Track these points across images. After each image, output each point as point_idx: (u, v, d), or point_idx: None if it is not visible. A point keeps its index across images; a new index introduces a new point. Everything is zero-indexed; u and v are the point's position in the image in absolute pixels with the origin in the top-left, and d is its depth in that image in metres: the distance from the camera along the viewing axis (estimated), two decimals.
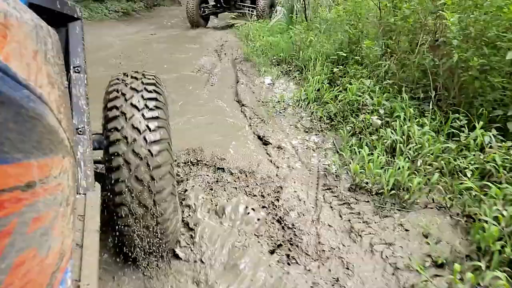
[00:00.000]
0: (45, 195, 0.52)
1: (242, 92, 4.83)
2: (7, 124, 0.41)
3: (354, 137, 3.05)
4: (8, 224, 0.42)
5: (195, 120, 4.10)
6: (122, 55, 7.41)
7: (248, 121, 3.95)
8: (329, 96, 4.03)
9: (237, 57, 6.62)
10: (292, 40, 5.92)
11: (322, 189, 2.56)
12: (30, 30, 0.52)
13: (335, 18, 5.11)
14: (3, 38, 0.42)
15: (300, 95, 4.23)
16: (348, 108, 3.54)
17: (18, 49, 0.46)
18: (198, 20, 10.00)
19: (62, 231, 0.62)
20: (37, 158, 0.49)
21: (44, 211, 0.52)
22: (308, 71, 4.92)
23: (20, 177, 0.45)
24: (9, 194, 0.42)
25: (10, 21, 0.45)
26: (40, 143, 0.50)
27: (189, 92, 5.13)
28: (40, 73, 0.53)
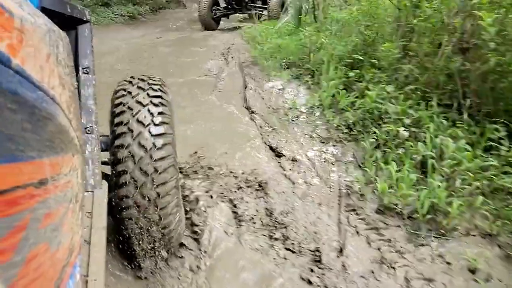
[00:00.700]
0: (56, 192, 0.54)
1: (251, 98, 4.57)
2: (22, 123, 0.42)
3: (377, 150, 2.76)
4: (22, 219, 0.43)
5: (203, 128, 3.85)
6: (128, 59, 7.22)
7: (258, 130, 3.69)
8: (345, 103, 3.75)
9: (245, 61, 6.37)
10: (302, 42, 5.65)
11: (345, 210, 2.28)
12: (43, 34, 0.54)
13: (349, 19, 4.83)
14: (19, 42, 0.44)
15: (314, 101, 3.95)
16: (368, 116, 3.25)
17: (33, 53, 0.48)
18: (210, 23, 9.97)
19: (71, 227, 0.64)
20: (49, 156, 0.50)
21: (55, 207, 0.54)
22: (320, 75, 4.64)
23: (33, 175, 0.46)
24: (23, 191, 0.43)
25: (26, 26, 0.46)
26: (52, 142, 0.52)
27: (196, 98, 4.89)
28: (52, 75, 0.54)
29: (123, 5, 13.78)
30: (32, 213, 0.46)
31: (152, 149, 1.57)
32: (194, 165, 2.98)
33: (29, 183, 0.45)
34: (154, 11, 15.25)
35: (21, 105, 0.41)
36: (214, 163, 3.00)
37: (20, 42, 0.44)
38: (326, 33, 5.85)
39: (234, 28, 10.49)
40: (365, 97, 3.75)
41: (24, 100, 0.42)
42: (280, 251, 2.02)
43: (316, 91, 4.37)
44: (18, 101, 0.41)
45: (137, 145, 1.57)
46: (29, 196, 0.45)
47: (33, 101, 0.44)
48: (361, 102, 3.56)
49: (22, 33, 0.45)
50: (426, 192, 2.09)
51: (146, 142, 1.57)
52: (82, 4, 9.39)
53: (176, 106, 2.10)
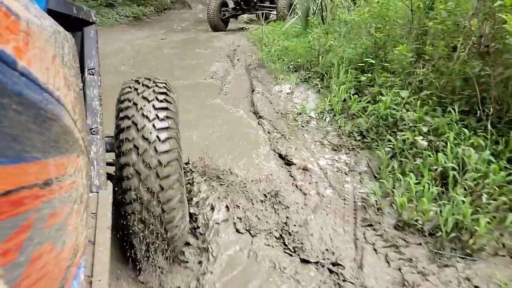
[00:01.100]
0: (61, 193, 0.54)
1: (258, 102, 4.46)
2: (28, 124, 0.42)
3: (394, 159, 2.63)
4: (27, 219, 0.44)
5: (208, 134, 3.74)
6: (133, 61, 7.13)
7: (267, 136, 3.57)
8: (357, 108, 3.62)
9: (251, 63, 6.25)
10: (311, 44, 5.52)
11: (361, 225, 2.16)
12: (49, 36, 0.55)
13: (359, 21, 4.70)
14: (25, 45, 0.44)
15: (324, 106, 3.83)
16: (382, 123, 3.12)
17: (39, 55, 0.48)
18: (218, 24, 9.97)
19: (76, 227, 0.64)
20: (54, 157, 0.51)
21: (59, 207, 0.54)
22: (330, 78, 4.52)
23: (38, 175, 0.46)
24: (29, 191, 0.44)
25: (32, 29, 0.47)
26: (57, 143, 0.52)
27: (202, 101, 4.78)
28: (57, 76, 0.55)
29: (127, 6, 13.73)
30: (37, 213, 0.46)
31: (156, 142, 1.55)
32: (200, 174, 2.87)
33: (34, 183, 0.45)
34: (159, 11, 15.19)
35: (26, 106, 0.42)
36: (221, 171, 2.89)
37: (27, 45, 0.44)
38: (334, 35, 5.72)
39: (240, 30, 10.39)
40: (377, 102, 3.62)
41: (30, 102, 0.43)
42: (292, 268, 1.90)
43: (326, 95, 4.24)
44: (23, 103, 0.41)
45: (141, 138, 1.55)
46: (34, 197, 0.45)
47: (38, 102, 0.45)
48: (374, 108, 3.43)
49: (28, 36, 0.45)
50: (449, 207, 1.95)
51: (150, 136, 1.55)
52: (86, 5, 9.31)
53: (181, 109, 2.03)
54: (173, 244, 1.70)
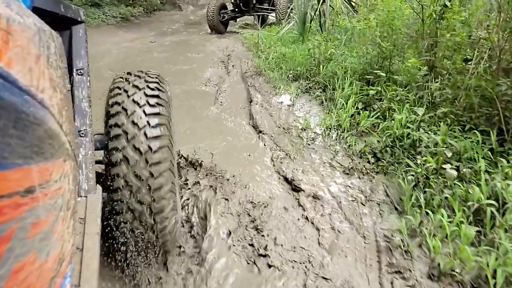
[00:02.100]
0: (45, 200, 0.51)
1: (257, 114, 4.15)
2: (7, 129, 0.41)
3: (416, 188, 2.35)
4: (6, 230, 0.42)
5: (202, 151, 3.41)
6: (120, 65, 6.72)
7: (269, 155, 3.26)
8: (366, 124, 3.35)
9: (247, 70, 5.94)
10: (311, 52, 5.24)
11: (388, 272, 1.86)
12: (32, 35, 0.53)
13: (363, 29, 4.44)
14: (5, 43, 0.42)
15: (331, 121, 3.54)
16: (398, 144, 2.85)
17: (21, 54, 0.46)
18: (218, 26, 9.93)
19: (62, 236, 0.62)
20: (37, 162, 0.48)
21: (43, 215, 0.52)
22: (333, 89, 4.24)
23: (19, 182, 0.44)
24: (8, 200, 0.42)
25: (13, 26, 0.45)
26: (41, 148, 0.50)
27: (195, 112, 4.44)
28: (42, 77, 0.53)
29: (115, 5, 13.26)
30: (18, 222, 0.44)
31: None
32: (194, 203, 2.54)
33: (14, 191, 0.43)
34: (148, 12, 14.77)
35: (5, 110, 0.40)
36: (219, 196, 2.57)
37: (6, 43, 0.43)
38: (335, 42, 5.47)
39: (234, 33, 10.08)
40: (387, 118, 3.36)
41: (9, 105, 0.41)
42: None
43: (330, 108, 3.96)
44: (1, 106, 0.39)
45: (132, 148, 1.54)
46: (15, 205, 0.43)
47: (19, 105, 0.43)
48: (386, 125, 3.16)
49: (8, 34, 0.43)
50: (494, 255, 1.68)
51: (141, 145, 1.53)
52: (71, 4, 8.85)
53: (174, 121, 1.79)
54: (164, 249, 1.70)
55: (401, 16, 4.05)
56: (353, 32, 5.60)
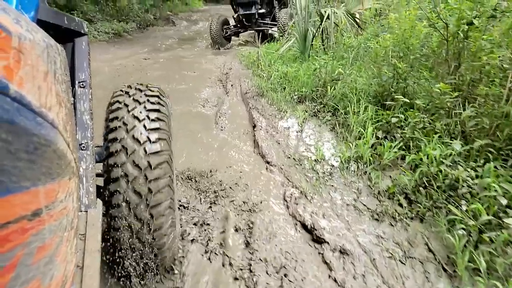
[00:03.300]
0: (50, 222, 0.49)
1: (263, 141, 3.75)
2: (19, 153, 0.38)
3: (469, 245, 1.95)
4: (13, 257, 0.39)
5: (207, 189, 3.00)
6: (111, 85, 6.30)
7: (280, 192, 2.85)
8: (389, 156, 2.97)
9: (247, 91, 5.57)
10: (317, 72, 4.90)
11: None
12: (41, 51, 0.51)
13: (375, 48, 4.11)
14: (17, 63, 0.41)
15: (349, 153, 3.15)
16: (436, 185, 2.46)
17: (31, 72, 0.45)
18: (221, 41, 9.93)
19: (65, 257, 0.59)
20: (44, 183, 0.46)
21: (49, 238, 0.49)
22: (345, 114, 3.88)
23: (27, 206, 0.42)
24: (15, 226, 0.39)
25: (24, 45, 0.43)
26: (49, 168, 0.47)
27: (194, 139, 4.04)
28: (50, 94, 0.51)
29: (107, 21, 12.95)
30: (25, 248, 0.41)
31: (146, 168, 1.51)
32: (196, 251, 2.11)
33: (22, 216, 0.40)
34: (142, 28, 14.47)
35: (18, 134, 0.38)
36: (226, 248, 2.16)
37: (18, 62, 0.41)
38: (341, 61, 5.14)
39: (231, 50, 9.76)
40: (411, 148, 2.99)
41: (21, 129, 0.39)
42: None
43: (344, 135, 3.59)
44: (14, 131, 0.37)
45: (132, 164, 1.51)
46: (21, 231, 0.40)
47: (31, 129, 0.41)
48: (413, 159, 2.78)
49: (20, 53, 0.42)
50: None
51: (141, 161, 1.51)
52: None
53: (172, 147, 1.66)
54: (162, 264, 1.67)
55: (418, 34, 3.74)
56: (360, 50, 5.29)
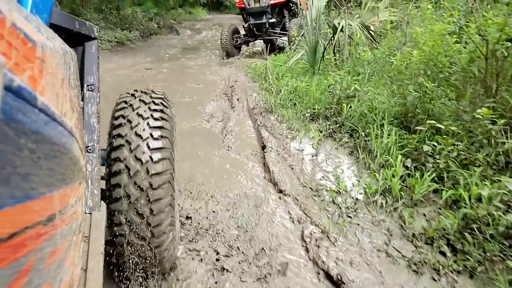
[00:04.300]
0: (62, 226, 0.50)
1: (274, 165, 3.38)
2: (40, 161, 0.39)
3: None
4: (26, 263, 0.39)
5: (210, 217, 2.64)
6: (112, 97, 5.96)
7: (298, 231, 2.48)
8: (422, 190, 2.60)
9: (255, 106, 5.23)
10: (331, 88, 4.56)
11: None
12: (60, 59, 0.52)
13: (398, 65, 3.77)
14: (40, 72, 0.41)
15: (378, 185, 2.78)
16: (484, 229, 2.08)
17: (51, 81, 0.45)
18: (231, 50, 9.96)
19: (73, 261, 0.60)
20: (59, 189, 0.47)
21: (60, 243, 0.49)
22: (365, 136, 3.51)
23: (43, 212, 0.42)
24: (31, 231, 0.39)
25: (46, 54, 0.44)
26: (64, 174, 0.48)
27: (199, 160, 3.68)
28: (65, 101, 0.52)
29: (110, 29, 12.69)
30: (38, 253, 0.41)
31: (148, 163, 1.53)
32: None
33: (38, 221, 0.40)
34: (145, 37, 14.22)
35: (41, 143, 0.39)
36: None
37: (41, 72, 0.42)
38: (357, 77, 4.80)
39: (236, 61, 9.46)
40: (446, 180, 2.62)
41: (45, 138, 0.39)
42: None
43: (365, 160, 3.22)
44: (39, 140, 0.38)
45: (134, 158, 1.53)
46: (36, 236, 0.40)
47: (53, 137, 0.42)
48: (451, 195, 2.42)
49: (43, 62, 0.43)
50: None
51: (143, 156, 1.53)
52: None
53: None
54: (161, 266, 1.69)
55: (449, 51, 3.40)
56: (376, 65, 4.95)
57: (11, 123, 0.32)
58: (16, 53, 0.35)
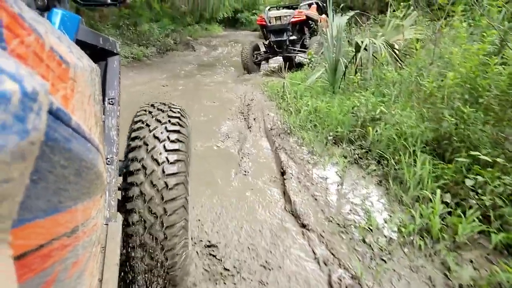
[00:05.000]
0: (84, 238, 0.52)
1: (295, 195, 3.11)
2: (69, 177, 0.41)
3: None
4: (52, 273, 0.41)
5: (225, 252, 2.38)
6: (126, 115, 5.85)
7: (324, 274, 2.19)
8: (466, 231, 2.29)
9: (272, 126, 4.99)
10: (356, 109, 4.30)
11: None
12: (87, 76, 0.53)
13: (431, 88, 3.49)
14: (71, 91, 0.43)
15: (415, 223, 2.47)
16: None
17: (81, 99, 0.47)
18: (252, 66, 10.10)
19: (92, 272, 0.61)
20: (83, 201, 0.48)
21: (81, 254, 0.51)
22: (396, 164, 3.22)
23: (68, 224, 0.44)
24: (57, 242, 0.41)
25: (77, 73, 0.46)
26: (88, 188, 0.50)
27: (214, 185, 3.45)
28: (91, 116, 0.53)
29: (127, 45, 12.80)
30: (62, 264, 0.43)
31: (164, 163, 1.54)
32: None
33: (63, 233, 0.42)
34: (161, 53, 14.29)
35: (72, 160, 0.40)
36: None
37: (72, 91, 0.43)
38: (383, 98, 4.53)
39: (251, 78, 9.31)
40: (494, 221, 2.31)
41: (76, 155, 0.41)
42: None
43: (396, 192, 2.92)
44: (71, 157, 0.40)
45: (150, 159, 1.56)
46: (62, 247, 0.42)
47: (82, 154, 0.43)
48: (502, 239, 2.10)
49: (74, 82, 0.44)
50: None
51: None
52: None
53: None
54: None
55: (488, 73, 3.11)
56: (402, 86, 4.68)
57: (48, 142, 0.33)
58: (53, 75, 0.38)
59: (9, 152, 0.26)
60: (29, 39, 0.34)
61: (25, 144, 0.28)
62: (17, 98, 0.26)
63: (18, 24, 0.33)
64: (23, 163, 0.28)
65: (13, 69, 0.27)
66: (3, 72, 0.26)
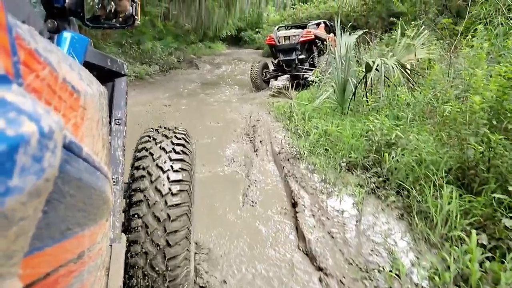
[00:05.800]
0: (89, 263, 0.51)
1: (309, 232, 2.83)
2: (78, 205, 0.41)
3: None
4: None
5: None
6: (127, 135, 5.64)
7: None
8: (510, 281, 2.00)
9: (281, 150, 4.74)
10: (370, 134, 4.05)
11: None
12: (96, 102, 0.53)
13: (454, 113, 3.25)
14: (81, 120, 0.42)
15: (449, 271, 2.18)
16: None
17: (90, 125, 0.46)
18: (261, 84, 10.28)
19: None
20: (89, 227, 0.47)
21: (86, 279, 0.50)
22: (418, 195, 2.95)
23: (75, 250, 0.44)
24: (64, 269, 0.40)
25: (87, 101, 0.45)
26: (96, 214, 0.50)
27: (216, 217, 3.18)
28: (99, 140, 0.53)
29: (130, 64, 12.71)
30: None
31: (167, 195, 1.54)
32: None
33: (70, 259, 0.41)
34: (164, 71, 14.20)
35: (81, 189, 0.40)
36: None
37: (82, 119, 0.43)
38: (398, 121, 4.29)
39: (257, 97, 9.13)
40: None
41: (85, 184, 0.41)
42: None
43: (421, 229, 2.64)
44: (80, 186, 0.40)
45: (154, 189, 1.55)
46: (68, 273, 0.41)
47: (92, 182, 0.43)
48: None
49: (84, 109, 0.44)
50: None
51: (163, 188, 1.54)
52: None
53: None
54: None
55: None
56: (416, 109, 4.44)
57: (61, 175, 0.33)
58: (65, 105, 0.38)
59: (26, 193, 0.26)
60: (43, 73, 0.35)
61: (41, 183, 0.28)
62: (35, 139, 0.27)
63: (34, 59, 0.33)
64: (38, 200, 0.28)
65: (31, 108, 0.27)
66: (22, 112, 0.26)
